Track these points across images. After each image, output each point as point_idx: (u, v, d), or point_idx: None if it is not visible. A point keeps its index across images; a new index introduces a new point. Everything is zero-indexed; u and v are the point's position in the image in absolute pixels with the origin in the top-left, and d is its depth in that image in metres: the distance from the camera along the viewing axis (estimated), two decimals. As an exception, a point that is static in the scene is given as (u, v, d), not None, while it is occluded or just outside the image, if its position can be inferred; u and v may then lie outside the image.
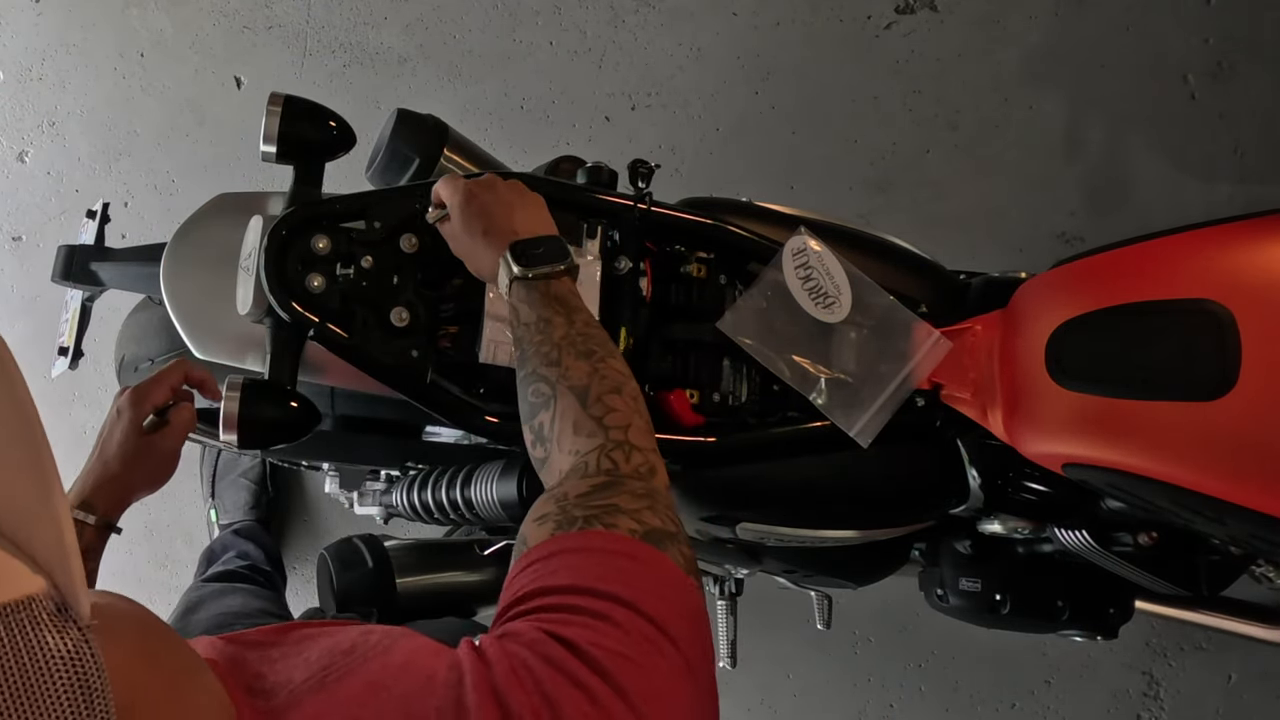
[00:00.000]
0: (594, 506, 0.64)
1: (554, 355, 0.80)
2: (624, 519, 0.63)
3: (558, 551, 0.61)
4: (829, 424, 1.02)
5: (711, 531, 1.13)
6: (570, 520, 0.63)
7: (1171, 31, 1.86)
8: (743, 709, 1.90)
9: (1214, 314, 0.86)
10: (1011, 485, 1.09)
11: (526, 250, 0.87)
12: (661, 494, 0.69)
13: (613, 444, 0.72)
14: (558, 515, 0.64)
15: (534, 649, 0.54)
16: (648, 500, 0.66)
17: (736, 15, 1.98)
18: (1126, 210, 1.85)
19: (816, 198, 1.91)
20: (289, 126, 0.97)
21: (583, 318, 0.84)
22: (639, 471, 0.70)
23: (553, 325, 0.82)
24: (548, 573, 0.60)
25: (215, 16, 2.13)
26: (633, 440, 0.73)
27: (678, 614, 0.58)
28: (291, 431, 0.95)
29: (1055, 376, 0.95)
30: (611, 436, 0.73)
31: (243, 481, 1.92)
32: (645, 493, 0.67)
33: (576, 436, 0.74)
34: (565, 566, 0.60)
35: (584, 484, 0.68)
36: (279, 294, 0.94)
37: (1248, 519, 0.84)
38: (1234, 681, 1.79)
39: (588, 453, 0.72)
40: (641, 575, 0.60)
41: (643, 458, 0.72)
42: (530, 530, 0.65)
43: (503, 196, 0.92)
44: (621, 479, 0.69)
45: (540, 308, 0.84)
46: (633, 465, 0.70)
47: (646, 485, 0.69)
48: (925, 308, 1.07)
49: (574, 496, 0.66)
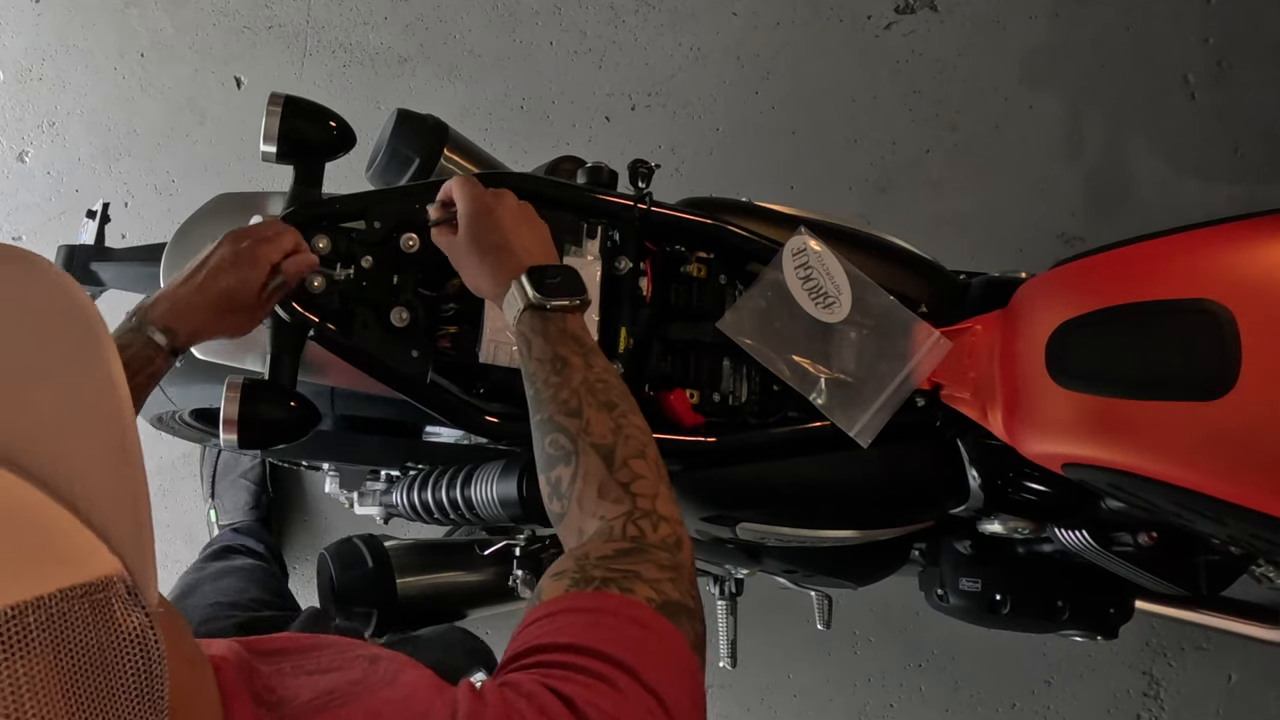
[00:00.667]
0: (614, 570, 0.64)
1: (574, 404, 0.77)
2: (643, 587, 0.63)
3: (569, 609, 0.61)
4: (829, 424, 1.02)
5: (711, 531, 1.13)
6: (588, 580, 0.63)
7: (1171, 31, 1.86)
8: (743, 709, 1.90)
9: (1214, 314, 0.86)
10: (1011, 485, 1.09)
11: (545, 278, 0.84)
12: (686, 568, 0.68)
13: (640, 512, 0.71)
14: (575, 573, 0.64)
15: (532, 700, 0.55)
16: (672, 573, 0.66)
17: (736, 15, 1.98)
18: (1126, 210, 1.85)
19: (816, 198, 1.91)
20: (289, 126, 0.97)
21: (601, 362, 0.82)
22: (665, 542, 0.69)
23: (570, 367, 0.80)
24: (555, 629, 0.60)
25: (215, 16, 2.13)
26: (660, 510, 0.72)
27: (679, 690, 0.58)
28: (291, 431, 0.95)
29: (1055, 376, 0.95)
30: (639, 505, 0.71)
31: (243, 482, 1.92)
32: (671, 565, 0.66)
33: (602, 501, 0.72)
34: (574, 625, 0.60)
35: (608, 547, 0.67)
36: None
37: (1248, 519, 0.84)
38: (1234, 681, 1.79)
39: (613, 519, 0.71)
40: (649, 645, 0.59)
41: (670, 529, 0.71)
42: (546, 585, 0.65)
43: (518, 215, 0.90)
44: (647, 548, 0.68)
45: (557, 344, 0.81)
46: (660, 535, 0.69)
47: (673, 558, 0.68)
48: (925, 308, 1.07)
49: (595, 557, 0.66)
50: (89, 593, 0.40)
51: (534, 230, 0.90)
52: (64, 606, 0.39)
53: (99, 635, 0.40)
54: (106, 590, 0.41)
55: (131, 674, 0.41)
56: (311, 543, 2.01)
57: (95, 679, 0.40)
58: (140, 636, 0.42)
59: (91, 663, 0.40)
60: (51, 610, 0.39)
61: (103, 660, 0.40)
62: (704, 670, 0.64)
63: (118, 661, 0.41)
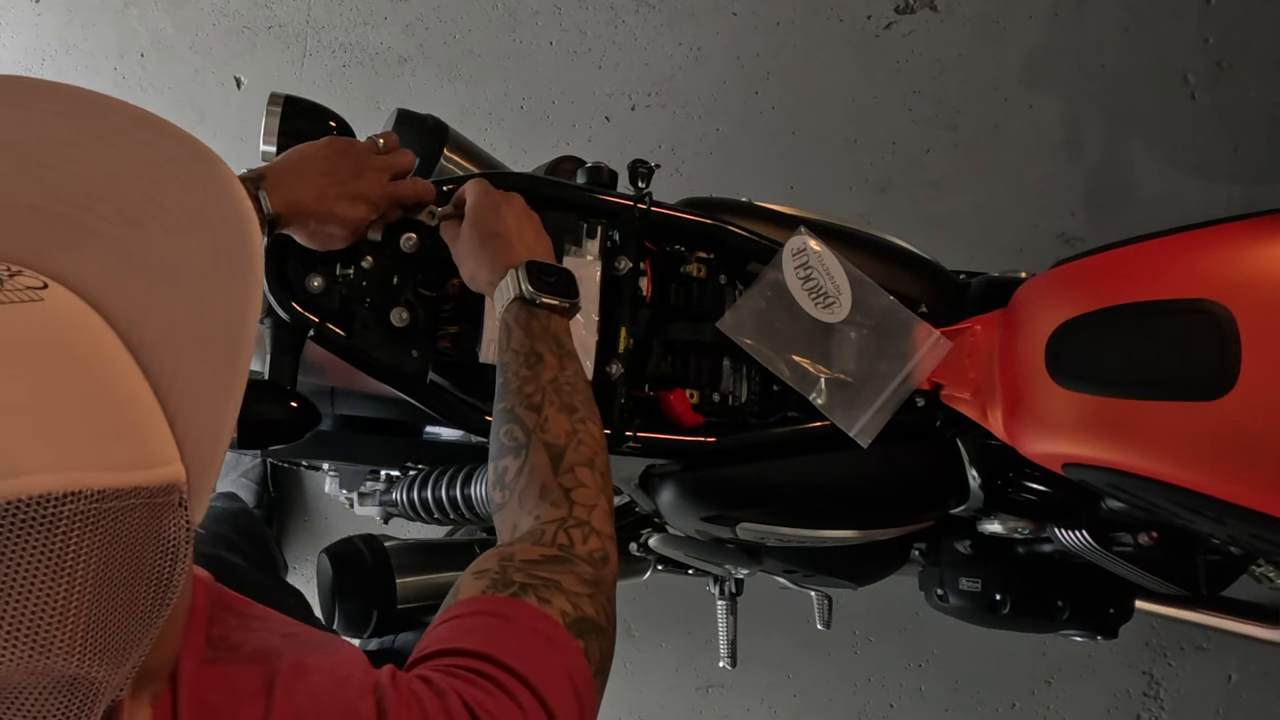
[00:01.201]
0: (535, 577, 0.65)
1: (537, 400, 0.78)
2: (560, 599, 0.64)
3: (482, 613, 0.62)
4: (829, 424, 1.02)
5: (711, 531, 1.13)
6: (507, 584, 0.64)
7: (1171, 31, 1.86)
8: (743, 709, 1.90)
9: (1214, 314, 0.86)
10: (1011, 485, 1.09)
11: (540, 273, 0.85)
12: (607, 585, 0.69)
13: (575, 521, 0.72)
14: (496, 574, 0.65)
15: (441, 698, 0.56)
16: (591, 589, 0.66)
17: (736, 15, 1.98)
18: (1126, 210, 1.85)
19: (816, 198, 1.91)
20: (289, 126, 0.97)
21: (574, 366, 0.83)
22: (592, 556, 0.70)
23: (544, 364, 0.81)
24: (466, 631, 0.61)
25: (215, 16, 2.13)
26: (594, 523, 0.72)
27: (570, 711, 0.60)
28: (291, 431, 0.95)
29: (1055, 376, 0.95)
30: (575, 513, 0.72)
31: (243, 481, 1.92)
32: (592, 580, 0.67)
33: (541, 501, 0.73)
34: (484, 629, 0.61)
35: (534, 551, 0.68)
36: (279, 294, 0.94)
37: (1248, 519, 0.84)
38: (1234, 681, 1.79)
39: (547, 521, 0.71)
40: (554, 663, 0.61)
41: (599, 544, 0.71)
42: (466, 582, 0.66)
43: (523, 214, 0.92)
44: (573, 558, 0.68)
45: (536, 339, 0.82)
46: (588, 548, 0.70)
47: (596, 573, 0.68)
48: (925, 308, 1.07)
49: (519, 560, 0.66)
50: (151, 496, 0.42)
51: (538, 232, 0.92)
52: (127, 503, 0.41)
53: (143, 535, 0.42)
54: (166, 496, 0.43)
55: (155, 577, 0.43)
56: (311, 542, 2.01)
57: (124, 572, 0.41)
58: (174, 548, 0.43)
59: (127, 557, 0.41)
60: (116, 504, 0.40)
61: (137, 558, 0.42)
62: (602, 693, 0.65)
63: (148, 563, 0.42)
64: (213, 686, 0.54)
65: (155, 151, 0.46)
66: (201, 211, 0.46)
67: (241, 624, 0.59)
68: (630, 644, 1.92)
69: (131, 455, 0.42)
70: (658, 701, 1.91)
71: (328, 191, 0.87)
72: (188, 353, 0.44)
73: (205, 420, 0.45)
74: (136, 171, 0.45)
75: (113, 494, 0.40)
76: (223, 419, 0.46)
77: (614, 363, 1.01)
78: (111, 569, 0.41)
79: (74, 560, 0.39)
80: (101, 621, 0.41)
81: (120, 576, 0.41)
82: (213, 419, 0.45)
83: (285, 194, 0.85)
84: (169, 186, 0.45)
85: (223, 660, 0.55)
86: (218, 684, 0.54)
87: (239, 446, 0.93)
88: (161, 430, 0.43)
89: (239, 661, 0.56)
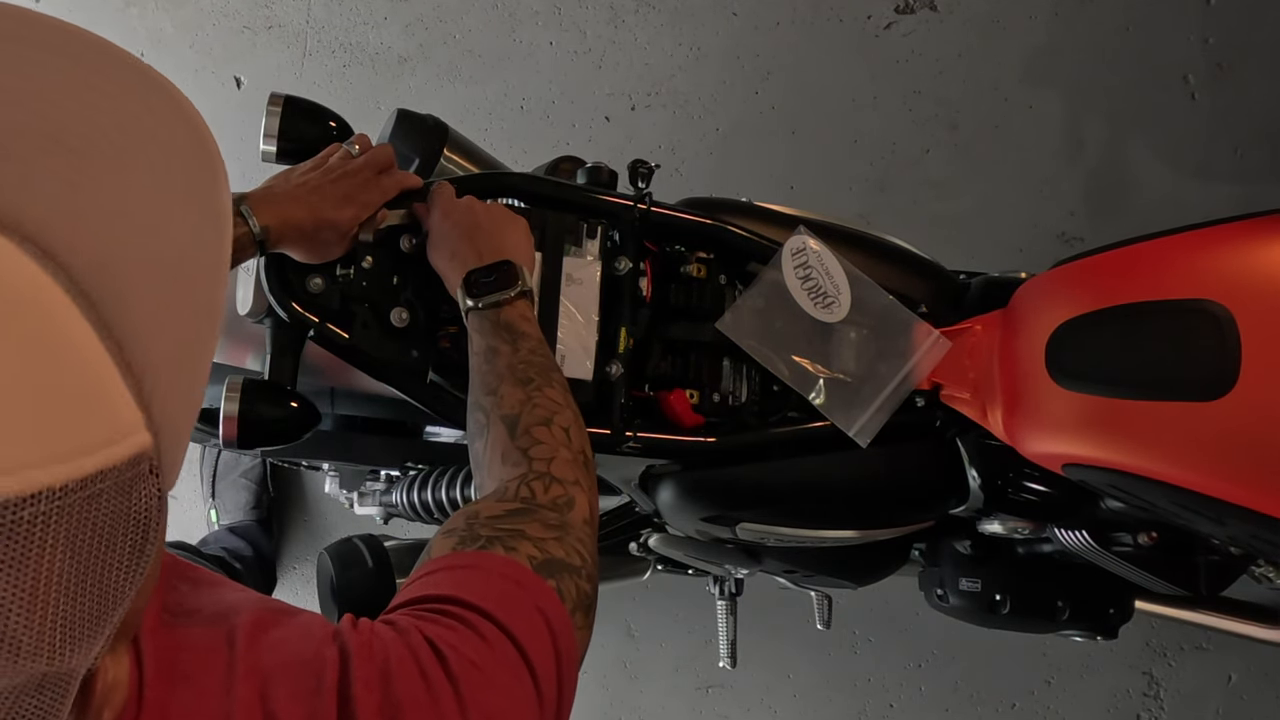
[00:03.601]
0: (500, 529, 0.66)
1: (493, 384, 0.82)
2: (526, 545, 0.65)
3: (450, 567, 0.64)
4: (829, 424, 1.02)
5: (711, 531, 1.13)
6: (474, 539, 0.66)
7: (1171, 31, 1.86)
8: (742, 709, 1.90)
9: (1214, 314, 0.86)
10: (1011, 485, 1.09)
11: (478, 279, 0.89)
12: (575, 527, 0.70)
13: (534, 474, 0.74)
14: (464, 531, 0.67)
15: (403, 635, 0.57)
16: (557, 532, 0.68)
17: (736, 15, 1.98)
18: (1126, 210, 1.85)
19: (816, 198, 1.91)
20: (289, 126, 0.97)
21: (528, 344, 0.85)
22: (555, 503, 0.72)
23: (498, 354, 0.84)
24: (434, 584, 0.62)
25: (215, 16, 2.13)
26: (554, 472, 0.74)
27: (545, 649, 0.60)
28: (291, 431, 0.95)
29: (1055, 376, 0.95)
30: (534, 468, 0.74)
31: (243, 482, 1.92)
32: (558, 524, 0.69)
33: (504, 466, 0.76)
34: (452, 579, 0.62)
35: (498, 507, 0.70)
36: (279, 294, 0.94)
37: (1248, 519, 0.84)
38: (1234, 681, 1.79)
39: (509, 480, 0.74)
40: (521, 601, 0.61)
41: (562, 489, 0.73)
42: (436, 542, 0.67)
43: (470, 219, 0.94)
44: (536, 508, 0.70)
45: (489, 336, 0.86)
46: (550, 496, 0.72)
47: (560, 517, 0.70)
48: (925, 308, 1.07)
49: (484, 516, 0.68)
50: (119, 474, 0.37)
51: (493, 232, 0.93)
52: (93, 490, 0.36)
53: (113, 516, 0.38)
54: (135, 468, 0.38)
55: (128, 552, 0.39)
56: (311, 543, 2.01)
57: (95, 558, 0.38)
58: (147, 518, 0.39)
59: (97, 543, 0.37)
60: (81, 494, 0.36)
61: (108, 540, 0.38)
62: (587, 633, 0.66)
63: (120, 541, 0.39)
64: (174, 646, 0.53)
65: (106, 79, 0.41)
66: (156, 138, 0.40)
67: (194, 590, 0.59)
68: (630, 644, 1.92)
69: (92, 435, 0.36)
70: (658, 701, 1.91)
71: (312, 198, 0.89)
72: (150, 296, 0.39)
73: (173, 378, 0.40)
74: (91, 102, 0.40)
75: (76, 485, 0.36)
76: (195, 370, 0.41)
77: (614, 363, 1.01)
78: (81, 559, 0.37)
79: (38, 562, 0.35)
80: (72, 613, 0.37)
81: (91, 563, 0.37)
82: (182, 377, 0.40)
83: (270, 208, 0.86)
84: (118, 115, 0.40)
85: (181, 624, 0.55)
86: (179, 644, 0.53)
87: (239, 446, 0.93)
88: (122, 396, 0.38)
89: (198, 624, 0.55)
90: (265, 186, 0.90)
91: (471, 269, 0.90)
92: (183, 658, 0.53)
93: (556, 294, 1.00)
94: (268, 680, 0.53)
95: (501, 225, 0.95)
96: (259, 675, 0.53)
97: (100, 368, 0.37)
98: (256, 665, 0.53)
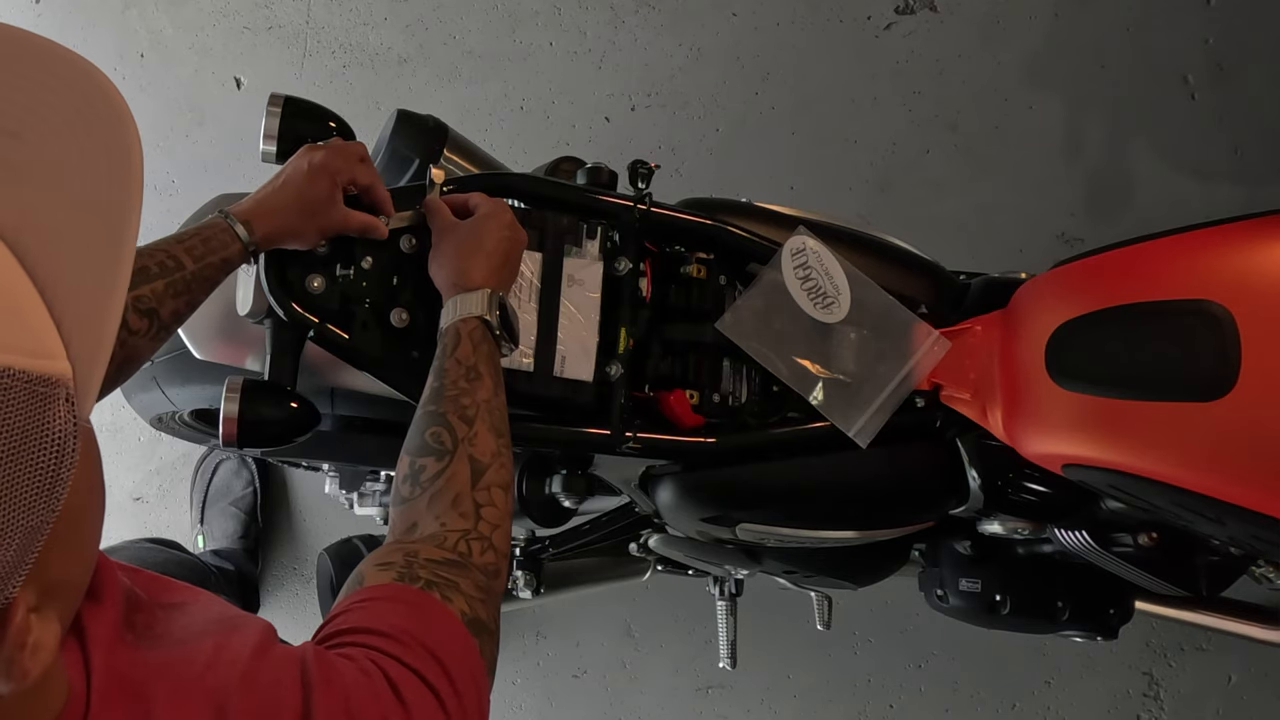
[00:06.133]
0: (439, 576, 0.69)
1: (470, 414, 0.82)
2: (459, 599, 0.68)
3: (396, 598, 0.66)
4: (829, 424, 1.02)
5: (711, 532, 1.13)
6: (414, 578, 0.68)
7: (1171, 31, 1.86)
8: (743, 709, 1.90)
9: (1214, 314, 0.86)
10: (1011, 486, 1.09)
11: (505, 308, 0.91)
12: (496, 595, 0.74)
13: (477, 535, 0.76)
14: (403, 568, 0.69)
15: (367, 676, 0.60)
16: (484, 595, 0.71)
17: (736, 15, 1.98)
18: (1126, 210, 1.85)
19: (816, 198, 1.91)
20: (289, 126, 0.97)
21: (503, 398, 0.87)
22: (487, 569, 0.75)
23: (481, 383, 0.85)
24: (380, 614, 0.65)
25: (215, 17, 2.13)
26: (495, 541, 0.77)
27: (477, 704, 0.64)
28: (291, 431, 0.95)
29: (1055, 377, 0.95)
30: (479, 528, 0.77)
31: (232, 510, 1.91)
32: (485, 589, 0.72)
33: (452, 510, 0.77)
34: (398, 614, 0.65)
35: (437, 553, 0.72)
36: (279, 295, 0.94)
37: (1248, 520, 0.84)
38: (1234, 682, 1.79)
39: (451, 529, 0.76)
40: (460, 655, 0.65)
41: (494, 559, 0.76)
42: (370, 571, 0.70)
43: (514, 240, 0.95)
44: (470, 566, 0.73)
45: (480, 360, 0.86)
46: (484, 560, 0.75)
47: (489, 583, 0.74)
48: (925, 308, 1.07)
49: (423, 558, 0.71)
50: (33, 384, 0.41)
51: (516, 262, 0.96)
52: (5, 383, 0.40)
53: (25, 423, 0.41)
54: (50, 388, 0.42)
55: (39, 471, 0.41)
56: (308, 545, 2.01)
57: (4, 463, 0.40)
58: (61, 440, 0.42)
59: (7, 446, 0.40)
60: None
61: (19, 448, 0.41)
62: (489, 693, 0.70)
63: (31, 455, 0.41)
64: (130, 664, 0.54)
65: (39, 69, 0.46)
66: (81, 118, 0.46)
67: (165, 615, 0.60)
68: (630, 644, 1.92)
69: (11, 339, 0.41)
70: (657, 702, 1.91)
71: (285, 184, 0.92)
72: (72, 253, 0.44)
73: (90, 316, 0.45)
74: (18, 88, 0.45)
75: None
76: (107, 313, 0.45)
77: (614, 363, 1.01)
78: None
79: None
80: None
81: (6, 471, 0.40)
82: (97, 315, 0.45)
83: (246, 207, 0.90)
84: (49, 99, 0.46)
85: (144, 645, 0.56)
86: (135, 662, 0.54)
87: (239, 446, 0.93)
88: (45, 325, 0.43)
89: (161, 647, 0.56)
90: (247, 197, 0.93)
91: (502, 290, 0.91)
92: (137, 676, 0.54)
93: (557, 294, 1.00)
94: (224, 706, 0.54)
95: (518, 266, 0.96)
96: (215, 699, 0.55)
97: (26, 295, 0.42)
98: (215, 688, 0.55)
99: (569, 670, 1.90)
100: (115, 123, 0.47)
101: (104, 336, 0.45)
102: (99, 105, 0.47)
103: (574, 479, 1.09)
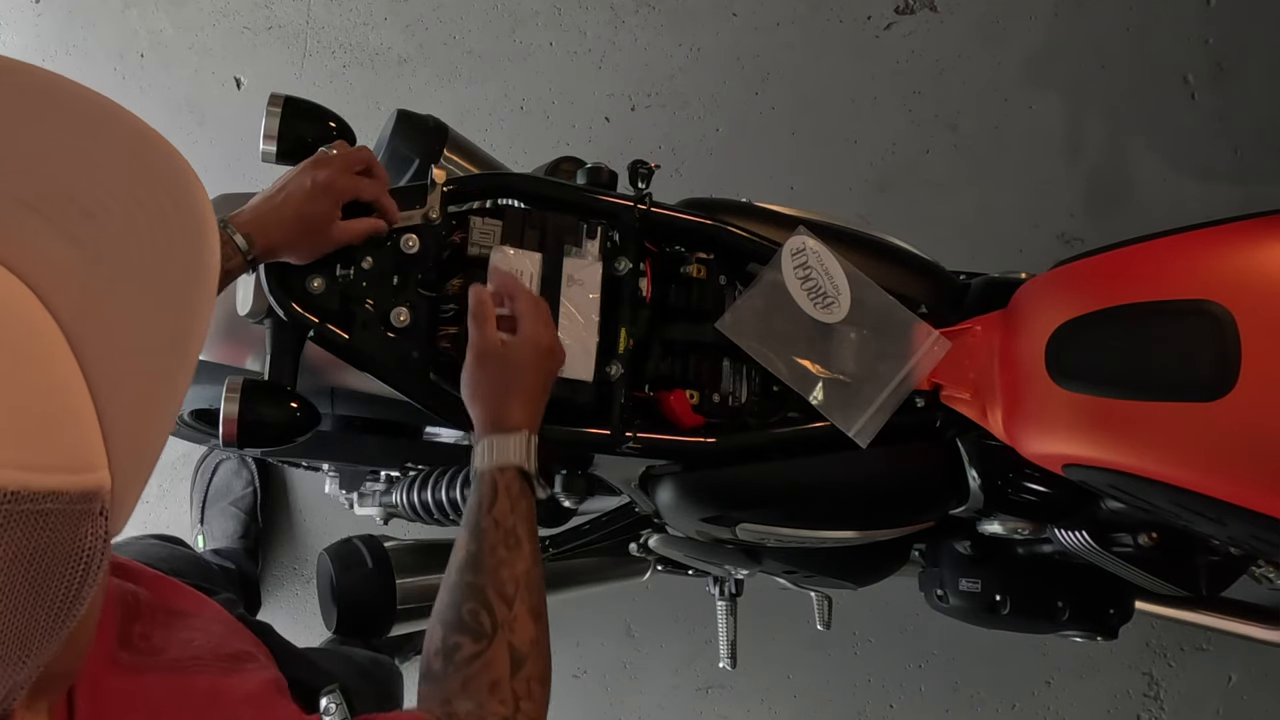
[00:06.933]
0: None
1: (510, 592, 0.79)
2: None
3: None
4: (829, 424, 1.02)
5: (711, 532, 1.13)
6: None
7: (1171, 31, 1.86)
8: (743, 709, 1.90)
9: (1214, 314, 0.86)
10: (1011, 486, 1.09)
11: (542, 460, 0.88)
12: None
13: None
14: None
15: None
16: None
17: (736, 15, 1.98)
18: (1126, 210, 1.85)
19: (816, 198, 1.91)
20: (289, 126, 0.97)
21: (540, 561, 0.84)
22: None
23: (521, 550, 0.82)
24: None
25: (215, 17, 2.13)
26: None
27: None
28: (291, 431, 0.95)
29: (1055, 377, 0.95)
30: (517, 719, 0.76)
31: (233, 510, 1.91)
32: None
33: (491, 696, 0.75)
34: None
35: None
36: (279, 294, 0.94)
37: (1248, 520, 0.84)
38: (1234, 682, 1.79)
39: (490, 713, 0.74)
40: None
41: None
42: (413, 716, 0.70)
43: (555, 371, 0.93)
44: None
45: (520, 519, 0.83)
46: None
47: None
48: (925, 308, 1.07)
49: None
50: (71, 502, 0.39)
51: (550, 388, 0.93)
52: (42, 507, 0.38)
53: (55, 542, 0.39)
54: (87, 504, 0.40)
55: (64, 586, 0.40)
56: (309, 545, 2.01)
57: (29, 579, 0.38)
58: (88, 558, 0.40)
59: (34, 563, 0.38)
60: (30, 507, 0.38)
61: (45, 565, 0.39)
62: None
63: (58, 572, 0.39)
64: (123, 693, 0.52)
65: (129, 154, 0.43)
66: (163, 217, 0.43)
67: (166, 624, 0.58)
68: (630, 644, 1.92)
69: (56, 457, 0.39)
70: (658, 702, 1.91)
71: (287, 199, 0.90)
72: (130, 357, 0.42)
73: (139, 429, 0.42)
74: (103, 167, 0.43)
75: (27, 496, 0.37)
76: (157, 430, 0.43)
77: (614, 363, 1.01)
78: (15, 574, 0.38)
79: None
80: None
81: (24, 583, 0.38)
82: (147, 429, 0.43)
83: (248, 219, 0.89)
84: (134, 189, 0.43)
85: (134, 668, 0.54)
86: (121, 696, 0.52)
87: (239, 446, 0.93)
88: (92, 434, 0.40)
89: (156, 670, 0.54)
90: (246, 205, 0.92)
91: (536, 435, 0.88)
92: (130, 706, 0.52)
93: (557, 295, 1.00)
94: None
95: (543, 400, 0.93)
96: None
97: (77, 400, 0.40)
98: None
99: (569, 670, 1.90)
100: (196, 231, 0.44)
101: (150, 451, 0.43)
102: (184, 208, 0.44)
103: (574, 479, 1.09)
